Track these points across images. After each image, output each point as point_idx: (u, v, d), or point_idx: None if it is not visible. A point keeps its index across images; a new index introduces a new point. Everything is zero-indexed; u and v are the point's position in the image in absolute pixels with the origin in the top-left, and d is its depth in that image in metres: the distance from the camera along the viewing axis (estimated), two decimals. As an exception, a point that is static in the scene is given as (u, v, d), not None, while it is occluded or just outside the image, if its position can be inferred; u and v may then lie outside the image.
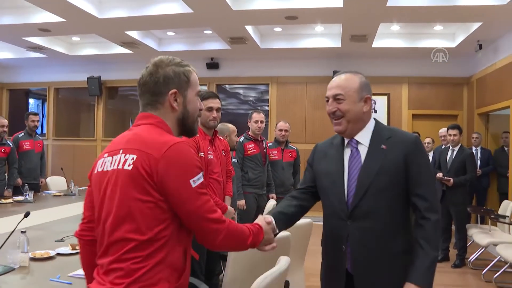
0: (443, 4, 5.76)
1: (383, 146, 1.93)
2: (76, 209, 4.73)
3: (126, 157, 1.51)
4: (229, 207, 3.50)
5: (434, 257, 1.82)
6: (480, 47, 7.21)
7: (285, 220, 2.01)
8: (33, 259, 2.57)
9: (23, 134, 6.34)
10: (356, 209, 1.91)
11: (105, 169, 1.55)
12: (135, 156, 1.49)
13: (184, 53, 8.66)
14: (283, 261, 2.12)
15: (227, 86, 10.08)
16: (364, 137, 1.98)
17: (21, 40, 7.92)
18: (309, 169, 2.17)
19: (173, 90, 1.62)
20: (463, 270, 5.55)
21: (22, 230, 2.54)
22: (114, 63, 9.62)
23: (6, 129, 5.86)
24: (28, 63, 9.90)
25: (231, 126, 4.74)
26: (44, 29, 7.19)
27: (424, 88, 8.71)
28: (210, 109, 3.27)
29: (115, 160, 1.53)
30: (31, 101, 11.62)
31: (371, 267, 1.89)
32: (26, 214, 2.63)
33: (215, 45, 8.35)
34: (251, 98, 11.25)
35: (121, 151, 1.53)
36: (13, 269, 2.39)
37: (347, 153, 2.01)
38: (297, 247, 3.21)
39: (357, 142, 1.99)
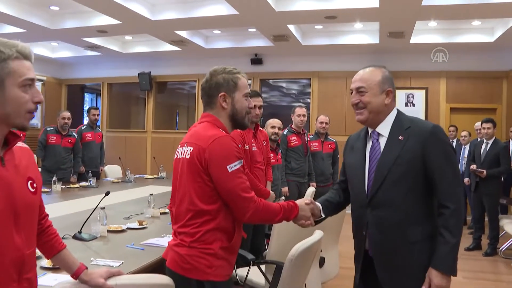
0: (478, 2, 5.96)
1: (401, 137, 2.00)
2: (134, 193, 5.31)
3: (188, 148, 2.00)
4: (271, 192, 3.94)
5: (454, 244, 1.89)
6: (519, 41, 7.33)
7: (331, 207, 2.26)
8: (109, 231, 3.11)
9: (85, 126, 7.04)
10: (374, 198, 2.01)
11: (178, 157, 2.06)
12: (192, 148, 1.98)
13: (230, 50, 9.18)
14: (317, 234, 2.56)
15: (270, 80, 10.50)
16: (384, 128, 2.07)
17: (80, 41, 8.64)
18: (343, 161, 2.33)
19: (222, 93, 2.06)
20: (494, 259, 5.80)
21: (101, 207, 3.07)
22: (163, 60, 10.21)
23: (67, 121, 6.46)
24: (84, 60, 10.64)
25: (269, 120, 5.16)
26: (102, 31, 7.83)
27: (462, 82, 8.83)
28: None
29: (183, 150, 2.04)
30: (86, 95, 12.45)
31: (389, 252, 2.00)
32: (107, 193, 3.18)
33: (259, 42, 8.78)
34: (293, 91, 11.63)
35: (186, 144, 2.03)
36: (96, 238, 2.93)
37: (369, 144, 2.12)
38: (331, 228, 3.61)
39: (378, 134, 2.09)
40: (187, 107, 12.07)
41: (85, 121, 7.14)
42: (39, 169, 6.19)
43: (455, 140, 8.08)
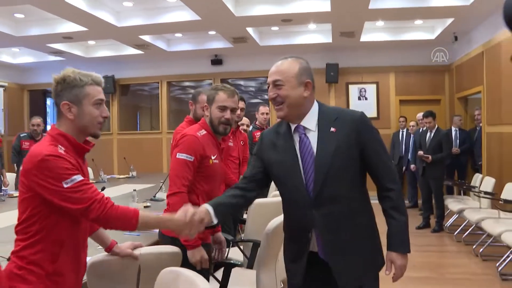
0: (418, 6, 6.62)
1: (333, 129, 1.93)
2: (111, 192, 5.66)
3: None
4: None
5: (405, 222, 1.95)
6: (456, 38, 8.07)
7: (224, 210, 2.05)
8: (104, 223, 3.51)
9: (57, 131, 7.29)
10: (319, 196, 1.92)
11: None
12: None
13: (191, 52, 9.58)
14: (286, 213, 3.05)
15: (229, 79, 10.95)
16: (310, 122, 1.98)
17: (45, 47, 8.81)
18: (255, 158, 2.19)
19: (205, 105, 2.73)
20: (440, 234, 6.52)
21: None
22: (126, 63, 10.45)
23: (36, 127, 6.68)
24: (46, 65, 10.65)
25: None
26: (67, 37, 8.06)
27: (409, 76, 9.56)
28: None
29: None
30: (48, 100, 12.50)
31: (341, 248, 1.95)
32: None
33: (219, 44, 9.21)
34: (251, 89, 12.16)
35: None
36: (94, 228, 3.33)
37: (296, 140, 2.00)
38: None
39: (305, 128, 1.98)
40: (150, 108, 12.36)
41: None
42: (15, 174, 6.44)
43: (405, 130, 8.81)
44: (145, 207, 4.22)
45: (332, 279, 1.96)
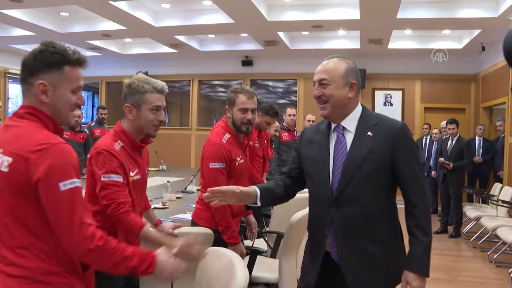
0: (446, 16, 6.79)
1: (370, 133, 1.91)
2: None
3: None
4: (265, 181, 4.71)
5: (427, 243, 1.86)
6: (483, 49, 8.21)
7: (269, 196, 2.07)
8: (141, 210, 3.85)
9: (94, 123, 7.71)
10: (341, 196, 1.90)
11: None
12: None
13: (222, 53, 9.91)
14: (308, 208, 3.33)
15: (258, 80, 11.26)
16: (350, 123, 1.96)
17: (84, 43, 9.27)
18: (294, 154, 2.22)
19: (226, 106, 2.93)
20: (457, 240, 6.69)
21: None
22: (159, 60, 10.82)
23: (78, 119, 7.10)
24: (84, 60, 11.20)
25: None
26: (106, 35, 8.50)
27: (435, 84, 9.70)
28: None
29: None
30: (82, 93, 13.02)
31: (355, 252, 1.91)
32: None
33: (250, 45, 9.51)
34: (279, 89, 12.41)
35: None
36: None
37: (333, 139, 1.99)
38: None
39: (344, 128, 1.97)
40: (180, 105, 12.73)
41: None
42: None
43: (428, 137, 8.96)
44: (177, 198, 4.56)
45: (345, 283, 1.94)
